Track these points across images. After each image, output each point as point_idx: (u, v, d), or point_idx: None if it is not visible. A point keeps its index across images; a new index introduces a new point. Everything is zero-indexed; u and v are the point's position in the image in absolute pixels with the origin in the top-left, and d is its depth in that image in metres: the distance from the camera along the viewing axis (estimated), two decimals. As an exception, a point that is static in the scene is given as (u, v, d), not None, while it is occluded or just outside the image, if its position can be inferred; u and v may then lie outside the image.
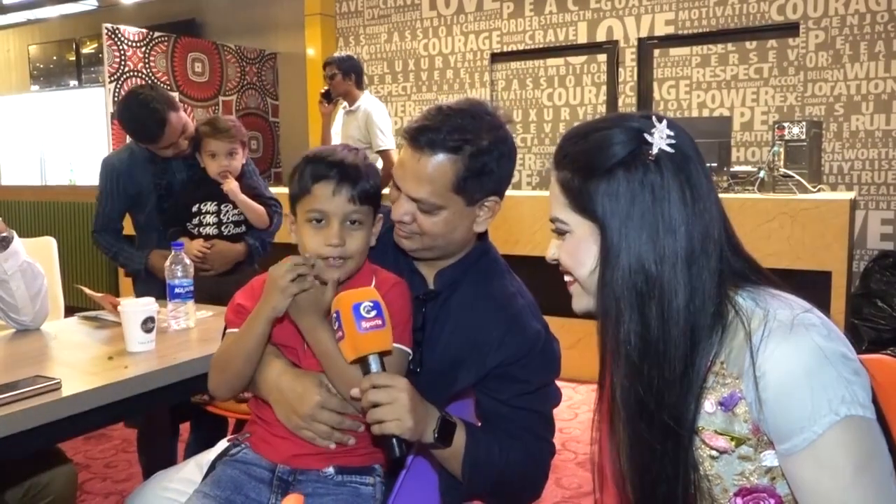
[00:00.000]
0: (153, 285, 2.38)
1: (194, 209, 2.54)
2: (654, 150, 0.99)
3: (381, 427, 1.18)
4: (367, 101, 4.61)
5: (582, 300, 1.10)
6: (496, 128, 1.33)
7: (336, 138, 4.71)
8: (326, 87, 4.68)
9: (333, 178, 1.34)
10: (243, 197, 2.55)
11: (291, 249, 1.56)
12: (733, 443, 0.99)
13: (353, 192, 1.34)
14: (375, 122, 4.48)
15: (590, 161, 1.01)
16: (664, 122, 1.01)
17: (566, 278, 1.11)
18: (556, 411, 1.44)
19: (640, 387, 0.99)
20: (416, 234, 1.35)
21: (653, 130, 0.99)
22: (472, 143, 1.29)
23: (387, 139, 4.49)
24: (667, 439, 1.00)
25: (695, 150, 1.02)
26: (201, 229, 2.54)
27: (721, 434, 1.00)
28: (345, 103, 4.70)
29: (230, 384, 1.40)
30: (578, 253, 1.05)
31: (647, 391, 0.99)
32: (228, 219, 2.57)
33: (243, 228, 2.61)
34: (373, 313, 1.19)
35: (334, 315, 1.23)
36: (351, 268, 1.37)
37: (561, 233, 1.08)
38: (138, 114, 2.46)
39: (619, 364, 1.01)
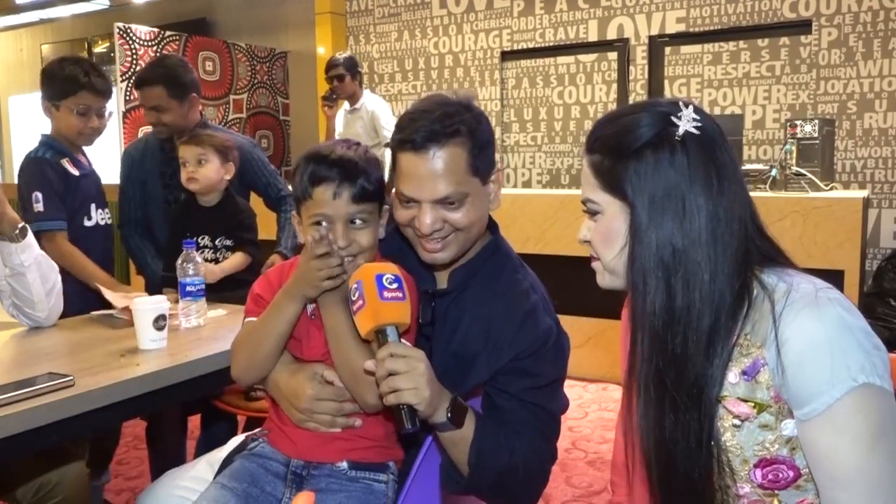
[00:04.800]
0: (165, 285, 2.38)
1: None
2: (681, 132, 1.02)
3: (398, 395, 1.16)
4: (370, 99, 4.68)
5: (605, 277, 1.14)
6: (468, 105, 1.35)
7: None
8: (329, 90, 4.69)
9: (333, 179, 1.33)
10: (221, 269, 2.40)
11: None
12: (755, 409, 1.01)
13: (355, 191, 1.33)
14: (381, 118, 4.57)
15: (619, 143, 1.05)
16: (690, 106, 1.05)
17: (591, 253, 1.15)
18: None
19: (660, 360, 1.03)
20: (452, 235, 1.34)
21: (679, 114, 1.03)
22: (465, 123, 1.30)
23: None
24: (688, 413, 1.02)
25: (720, 133, 1.06)
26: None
27: (744, 400, 1.02)
28: (346, 103, 4.74)
29: (258, 367, 1.40)
30: (609, 233, 1.08)
31: (669, 364, 1.02)
32: (223, 244, 2.48)
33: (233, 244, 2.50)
34: (395, 285, 1.22)
35: (354, 286, 1.23)
36: (362, 264, 1.37)
37: (593, 213, 1.11)
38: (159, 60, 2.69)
39: (643, 337, 1.05)
